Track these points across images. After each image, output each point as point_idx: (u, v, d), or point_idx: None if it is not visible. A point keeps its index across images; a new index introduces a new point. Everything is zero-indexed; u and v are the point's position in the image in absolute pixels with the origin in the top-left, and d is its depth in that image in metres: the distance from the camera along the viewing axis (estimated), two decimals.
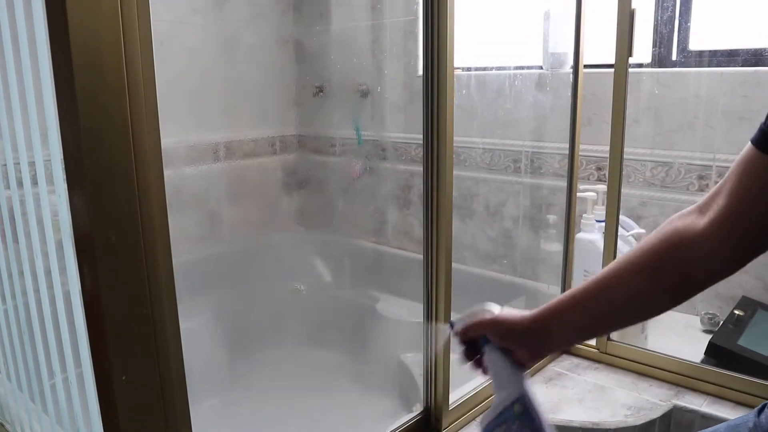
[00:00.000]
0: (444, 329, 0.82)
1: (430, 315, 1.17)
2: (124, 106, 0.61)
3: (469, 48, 1.85)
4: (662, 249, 0.64)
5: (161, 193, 0.66)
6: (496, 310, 0.76)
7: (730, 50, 1.56)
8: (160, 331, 0.68)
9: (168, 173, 0.68)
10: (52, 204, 0.89)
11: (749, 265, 1.63)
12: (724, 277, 0.63)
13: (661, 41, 1.65)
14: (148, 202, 0.65)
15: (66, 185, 0.63)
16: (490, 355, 0.75)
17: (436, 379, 1.21)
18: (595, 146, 1.70)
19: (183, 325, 0.71)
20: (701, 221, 0.62)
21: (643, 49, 1.66)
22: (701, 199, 0.64)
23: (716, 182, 1.54)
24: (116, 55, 0.60)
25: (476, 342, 0.76)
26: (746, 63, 1.53)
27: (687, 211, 0.65)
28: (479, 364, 0.77)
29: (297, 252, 2.38)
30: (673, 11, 1.62)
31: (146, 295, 0.66)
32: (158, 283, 0.66)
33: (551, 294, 1.61)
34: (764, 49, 1.51)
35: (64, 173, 0.63)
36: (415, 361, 1.74)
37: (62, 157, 0.63)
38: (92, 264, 0.61)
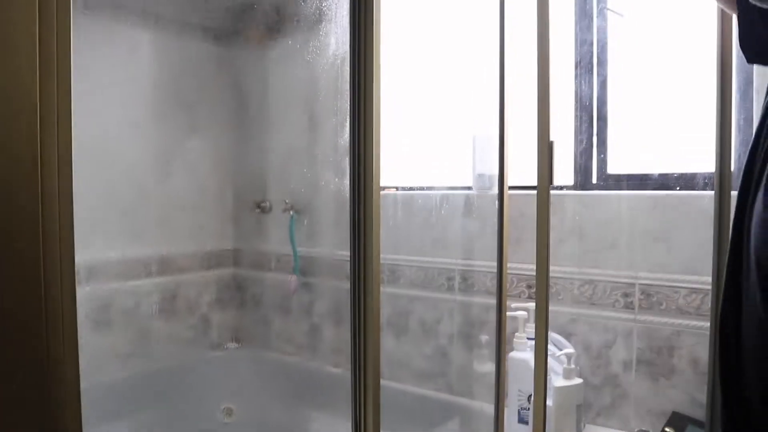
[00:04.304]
0: None
1: None
2: (36, 224, 0.60)
3: (402, 168, 1.93)
4: None
5: (72, 317, 0.63)
6: None
7: (642, 175, 1.68)
8: None
9: (97, 288, 0.66)
10: None
11: (677, 380, 1.65)
12: None
13: (580, 168, 1.75)
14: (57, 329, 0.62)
15: None
16: None
17: None
18: (524, 265, 1.75)
19: None
20: None
21: (565, 172, 1.76)
22: None
23: (640, 299, 1.60)
24: (31, 168, 0.60)
25: None
26: (657, 187, 1.64)
27: None
28: None
29: (230, 370, 2.30)
30: (590, 143, 1.73)
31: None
32: (65, 425, 0.62)
33: (486, 413, 1.59)
34: (670, 175, 1.63)
35: None
36: None
37: None
38: None
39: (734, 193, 1.23)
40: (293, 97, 2.27)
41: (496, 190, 1.62)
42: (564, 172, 1.76)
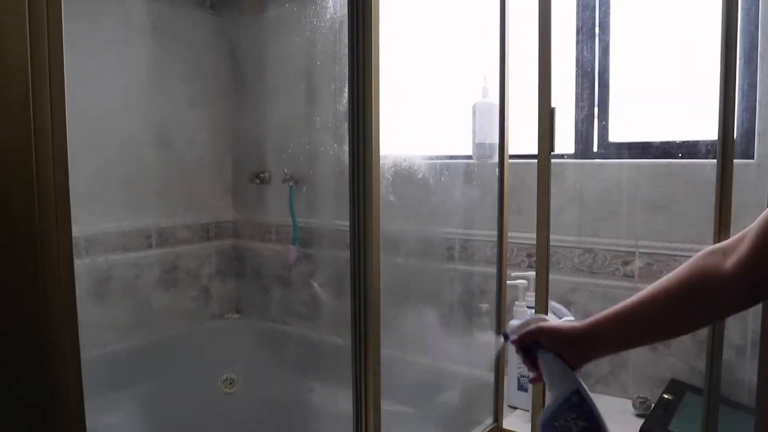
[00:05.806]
0: (499, 340, 0.95)
1: (359, 403, 1.14)
2: (32, 196, 0.59)
3: (402, 137, 1.90)
4: (691, 283, 0.75)
5: (71, 287, 0.63)
6: (547, 317, 0.89)
7: (644, 143, 1.66)
8: None
9: (98, 260, 0.66)
10: None
11: (674, 347, 1.66)
12: (746, 308, 0.73)
13: (581, 136, 1.74)
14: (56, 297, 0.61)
15: None
16: (544, 358, 0.85)
17: None
18: (525, 234, 1.75)
19: (106, 420, 0.67)
20: (726, 262, 0.71)
21: (566, 140, 1.74)
22: (727, 240, 0.74)
23: (640, 268, 1.60)
24: (25, 139, 0.59)
25: (531, 348, 0.88)
26: (658, 155, 1.63)
27: (713, 250, 0.74)
28: (535, 366, 0.89)
29: (232, 340, 2.31)
30: (591, 110, 1.72)
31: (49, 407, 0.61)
32: (65, 394, 0.62)
33: (486, 381, 1.60)
34: (672, 143, 1.61)
35: None
36: None
37: None
38: None
39: (737, 162, 1.22)
40: (291, 64, 2.24)
41: (496, 159, 1.61)
42: (565, 141, 1.75)
